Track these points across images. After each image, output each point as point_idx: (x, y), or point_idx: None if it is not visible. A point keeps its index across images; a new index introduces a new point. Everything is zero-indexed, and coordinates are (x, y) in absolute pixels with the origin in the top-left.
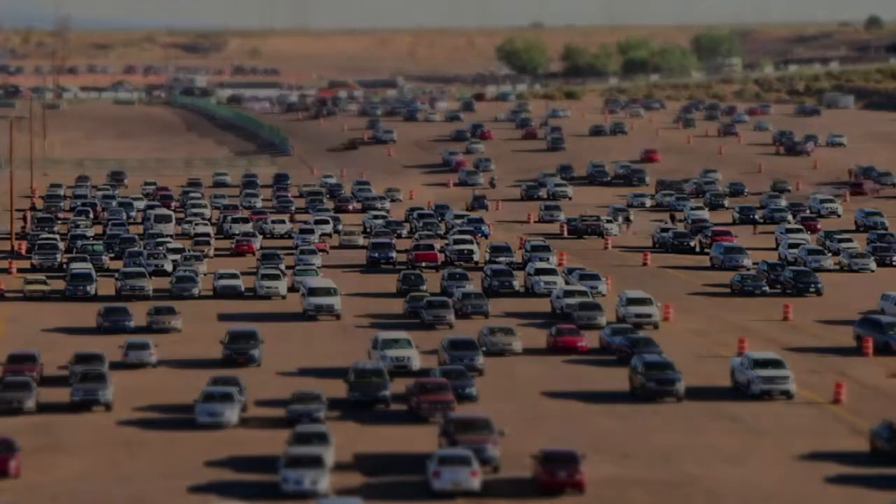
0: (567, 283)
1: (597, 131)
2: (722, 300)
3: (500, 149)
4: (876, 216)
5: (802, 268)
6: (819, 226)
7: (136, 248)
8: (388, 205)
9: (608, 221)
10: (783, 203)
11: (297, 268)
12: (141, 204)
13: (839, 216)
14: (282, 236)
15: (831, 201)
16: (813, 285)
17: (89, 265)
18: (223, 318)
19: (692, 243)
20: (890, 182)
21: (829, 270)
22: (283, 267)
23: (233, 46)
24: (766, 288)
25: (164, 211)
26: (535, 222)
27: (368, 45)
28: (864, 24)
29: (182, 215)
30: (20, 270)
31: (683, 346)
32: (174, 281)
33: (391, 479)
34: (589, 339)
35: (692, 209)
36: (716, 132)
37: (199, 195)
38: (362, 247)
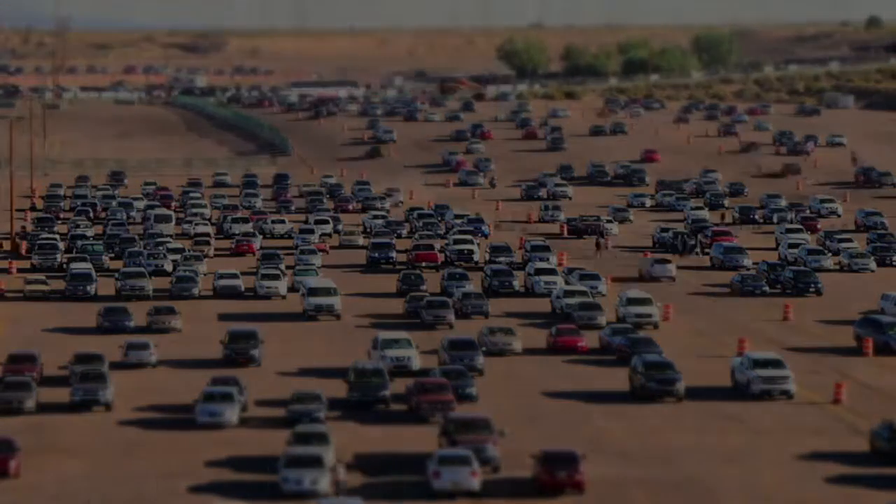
0: (567, 283)
1: (597, 131)
2: (722, 300)
3: (500, 149)
4: (876, 216)
5: (802, 268)
6: (819, 225)
7: (136, 248)
8: (388, 205)
9: (608, 221)
10: (783, 203)
11: (297, 268)
12: (141, 204)
13: (839, 216)
14: (282, 236)
15: (831, 201)
16: (813, 285)
17: (89, 265)
18: (223, 318)
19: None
20: (890, 182)
21: (829, 270)
22: (283, 267)
23: (233, 46)
24: (766, 288)
25: (164, 211)
26: (535, 222)
27: (368, 45)
28: (864, 24)
29: (182, 215)
30: (20, 270)
31: (683, 347)
32: (174, 281)
33: (391, 479)
34: (589, 339)
35: (692, 209)
36: (716, 132)
37: (199, 195)
38: (362, 247)
